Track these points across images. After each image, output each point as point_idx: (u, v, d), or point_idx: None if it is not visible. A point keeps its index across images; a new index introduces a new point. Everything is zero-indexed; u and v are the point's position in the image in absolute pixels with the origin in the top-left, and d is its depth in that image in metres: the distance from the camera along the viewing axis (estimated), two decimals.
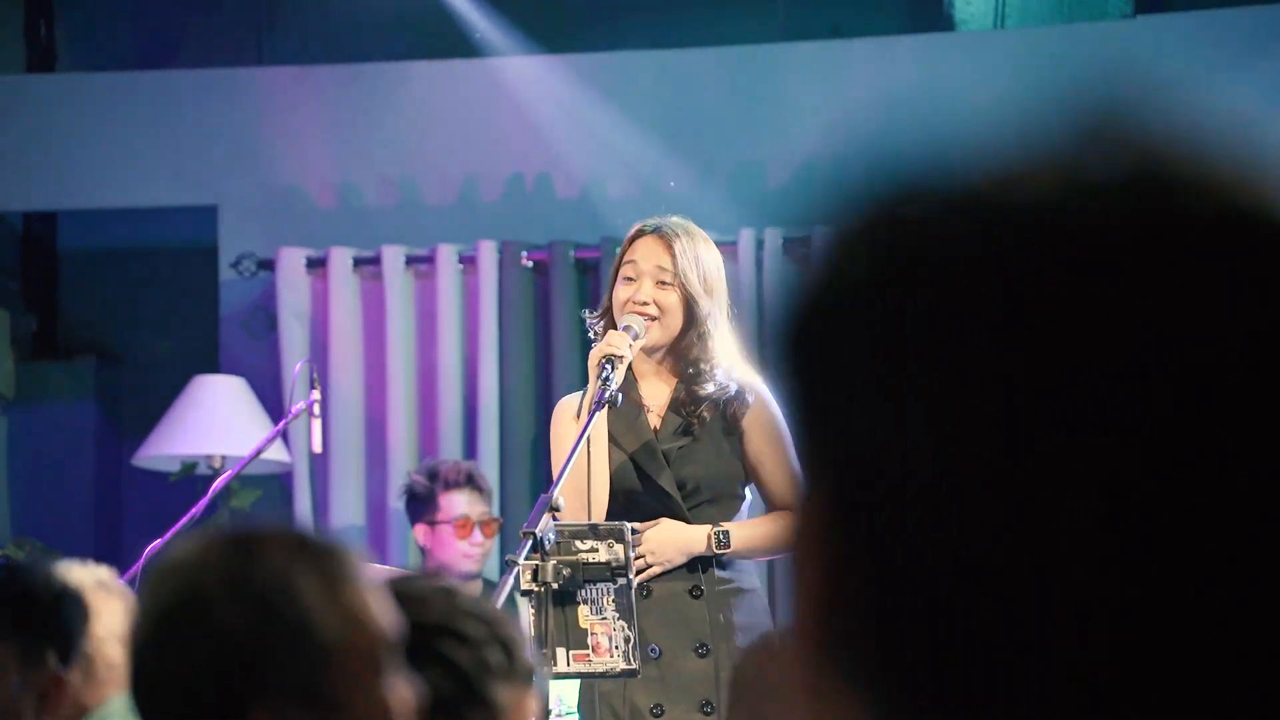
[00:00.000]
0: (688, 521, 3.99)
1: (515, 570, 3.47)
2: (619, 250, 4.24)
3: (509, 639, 1.75)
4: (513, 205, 7.06)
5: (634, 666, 3.64)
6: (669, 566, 3.96)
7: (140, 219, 7.62)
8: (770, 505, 4.07)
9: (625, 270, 4.13)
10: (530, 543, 3.50)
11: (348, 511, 6.79)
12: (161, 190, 7.27)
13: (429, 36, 7.20)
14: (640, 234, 4.17)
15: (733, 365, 4.12)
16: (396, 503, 6.52)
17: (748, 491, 4.11)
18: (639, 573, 3.85)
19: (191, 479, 6.75)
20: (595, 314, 4.19)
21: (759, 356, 6.65)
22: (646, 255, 4.12)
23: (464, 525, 6.01)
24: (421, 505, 6.12)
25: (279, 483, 6.89)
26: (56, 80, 7.61)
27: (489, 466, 6.56)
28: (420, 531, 6.14)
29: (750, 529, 4.01)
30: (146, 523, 5.93)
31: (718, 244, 6.73)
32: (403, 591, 1.72)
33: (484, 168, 7.08)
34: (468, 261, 6.84)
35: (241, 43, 7.72)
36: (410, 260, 6.86)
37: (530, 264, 6.84)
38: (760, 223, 6.81)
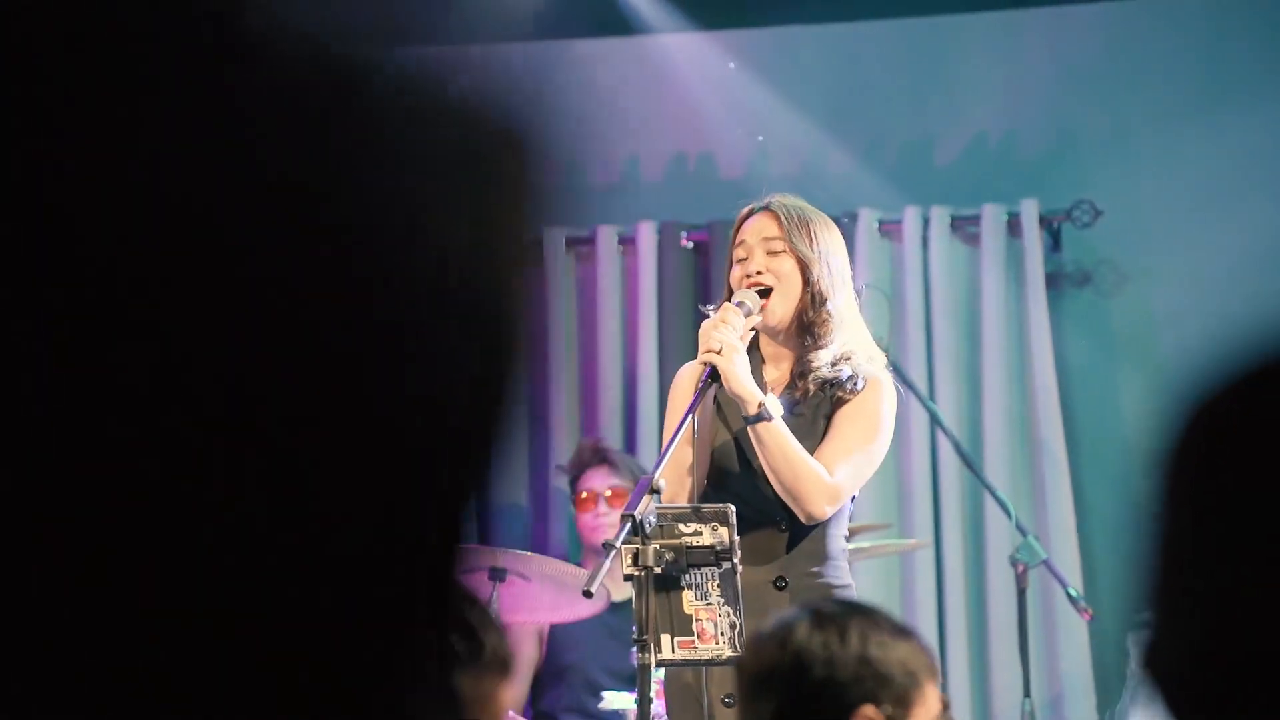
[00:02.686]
0: (777, 505, 3.85)
1: (613, 554, 3.37)
2: (730, 237, 4.12)
3: (475, 624, 1.66)
4: (675, 186, 6.97)
5: (740, 653, 3.52)
6: (724, 368, 3.79)
7: None
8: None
9: (736, 252, 4.03)
10: (629, 526, 3.41)
11: (510, 493, 6.75)
12: None
13: (590, 15, 7.13)
14: (748, 214, 4.07)
15: (855, 350, 3.97)
16: (557, 483, 6.52)
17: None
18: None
19: None
20: (715, 305, 4.05)
21: (898, 341, 6.48)
22: (754, 230, 4.02)
23: (588, 499, 6.02)
24: (571, 493, 6.18)
25: None
26: None
27: (649, 448, 6.48)
28: (578, 520, 6.19)
29: (793, 444, 3.81)
30: None
31: (880, 223, 6.65)
32: None
33: (646, 148, 6.99)
34: (627, 243, 6.77)
35: (417, 24, 7.71)
36: (570, 242, 6.80)
37: (690, 245, 6.75)
38: (927, 200, 6.64)
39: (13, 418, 0.59)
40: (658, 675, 3.90)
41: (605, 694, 5.15)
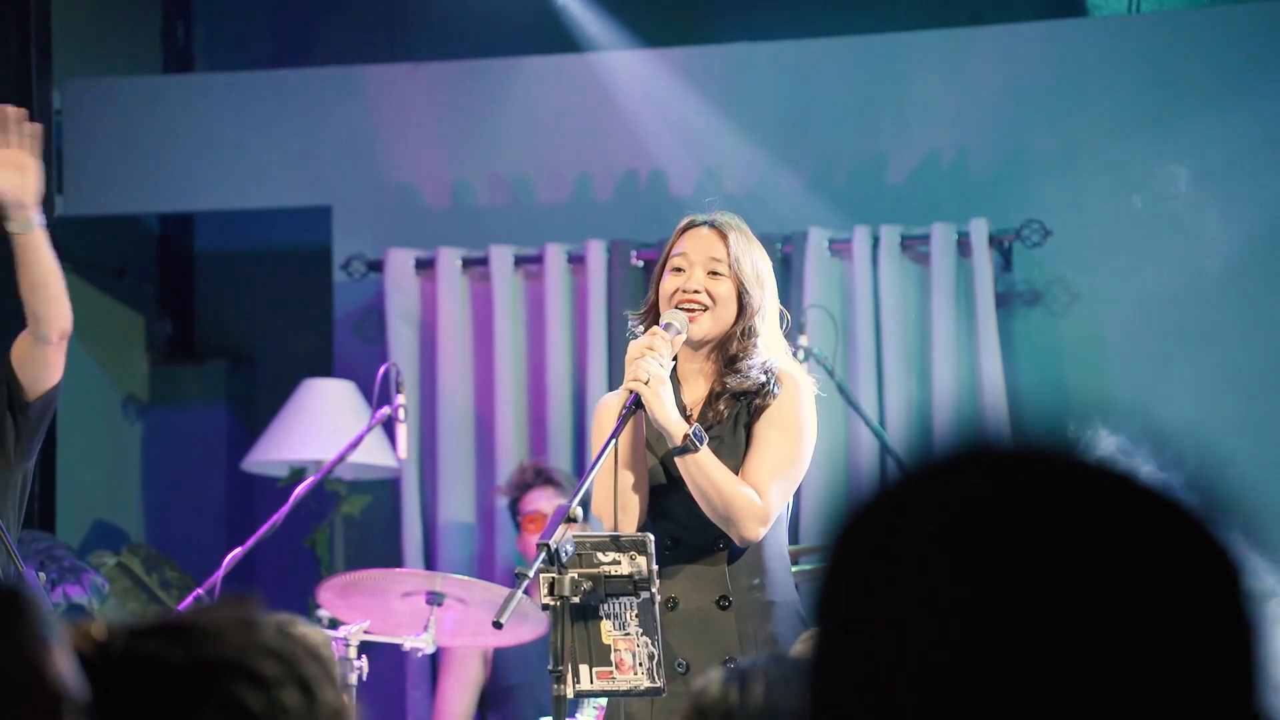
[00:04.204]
0: (714, 526, 3.80)
1: (524, 584, 3.32)
2: (667, 245, 4.05)
3: (310, 678, 1.60)
4: (626, 203, 6.92)
5: (658, 685, 3.46)
6: (649, 400, 3.75)
7: (272, 220, 7.61)
8: (738, 475, 3.83)
9: (674, 261, 3.95)
10: (544, 555, 3.35)
11: (457, 513, 6.70)
12: (285, 191, 7.24)
13: (541, 32, 7.09)
14: (691, 225, 3.99)
15: (773, 360, 3.92)
16: (501, 504, 6.48)
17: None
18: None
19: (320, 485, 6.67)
20: (639, 313, 4.00)
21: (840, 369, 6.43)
22: (699, 246, 3.94)
23: (533, 519, 5.97)
24: (513, 515, 6.14)
25: (391, 487, 6.81)
26: (191, 81, 7.61)
27: None
28: (519, 541, 6.15)
29: (719, 472, 3.75)
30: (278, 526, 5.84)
31: (830, 242, 6.60)
32: (193, 624, 1.59)
33: (597, 165, 6.95)
34: (576, 261, 6.72)
35: (376, 40, 7.67)
36: (519, 260, 6.75)
37: (640, 263, 6.70)
38: (876, 219, 6.59)
39: None
40: (599, 702, 3.84)
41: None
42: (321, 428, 6.47)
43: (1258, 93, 6.50)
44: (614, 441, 3.67)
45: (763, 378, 3.86)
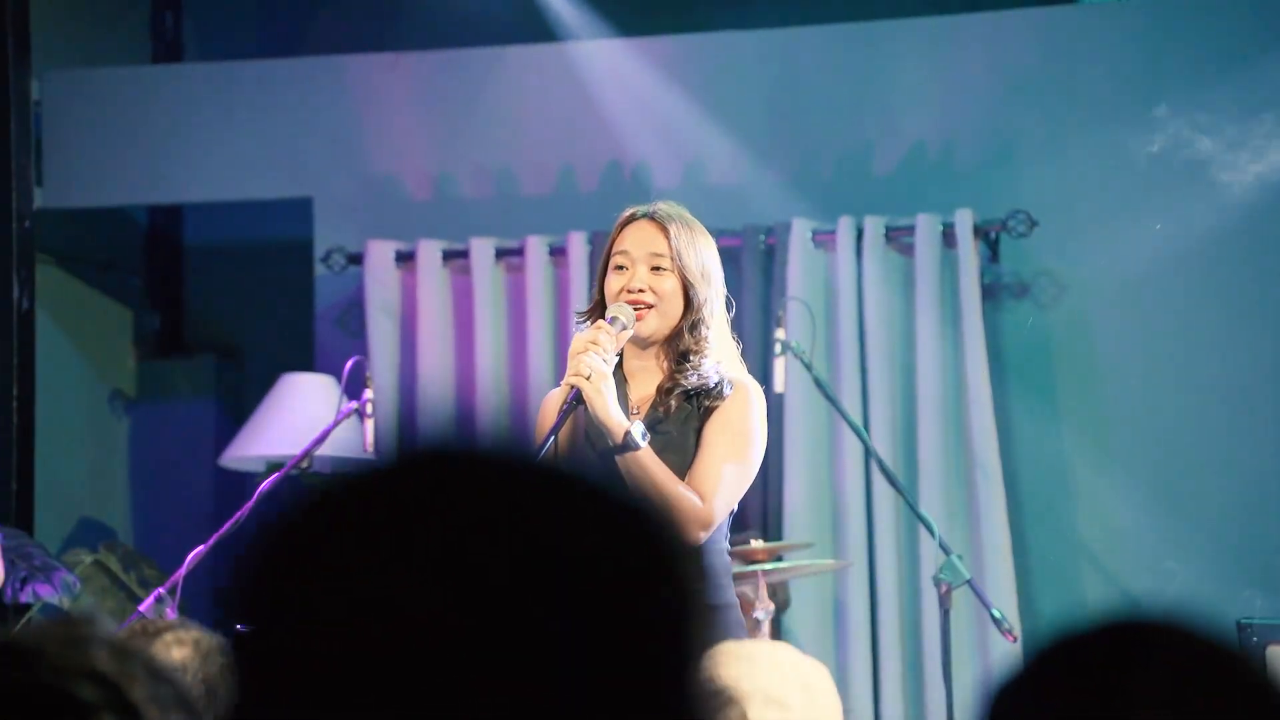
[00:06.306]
0: None
1: None
2: (609, 239, 3.97)
3: (137, 702, 1.52)
4: (609, 195, 6.84)
5: None
6: (590, 396, 3.68)
7: (256, 213, 7.55)
8: (684, 479, 3.72)
9: (616, 259, 3.87)
10: None
11: None
12: (267, 182, 7.17)
13: (525, 22, 7.01)
14: (631, 219, 3.91)
15: (723, 360, 3.84)
16: None
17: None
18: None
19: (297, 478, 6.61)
20: (584, 312, 3.92)
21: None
22: (639, 241, 3.86)
23: None
24: None
25: None
26: (172, 71, 7.55)
27: None
28: None
29: (660, 472, 3.66)
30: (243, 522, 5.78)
31: (814, 234, 6.52)
32: (12, 646, 1.51)
33: (581, 156, 6.87)
34: (558, 254, 6.64)
35: (365, 31, 7.60)
36: (500, 253, 6.68)
37: None
38: (861, 210, 6.51)
39: None
40: None
41: None
42: (300, 423, 6.41)
43: (1245, 79, 6.40)
44: (554, 437, 3.60)
45: (714, 378, 3.77)
